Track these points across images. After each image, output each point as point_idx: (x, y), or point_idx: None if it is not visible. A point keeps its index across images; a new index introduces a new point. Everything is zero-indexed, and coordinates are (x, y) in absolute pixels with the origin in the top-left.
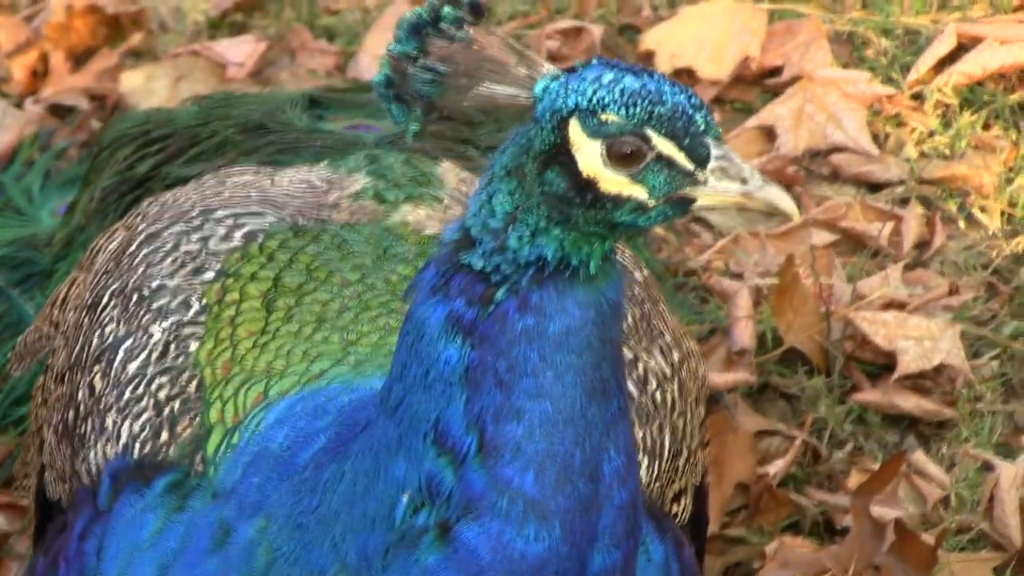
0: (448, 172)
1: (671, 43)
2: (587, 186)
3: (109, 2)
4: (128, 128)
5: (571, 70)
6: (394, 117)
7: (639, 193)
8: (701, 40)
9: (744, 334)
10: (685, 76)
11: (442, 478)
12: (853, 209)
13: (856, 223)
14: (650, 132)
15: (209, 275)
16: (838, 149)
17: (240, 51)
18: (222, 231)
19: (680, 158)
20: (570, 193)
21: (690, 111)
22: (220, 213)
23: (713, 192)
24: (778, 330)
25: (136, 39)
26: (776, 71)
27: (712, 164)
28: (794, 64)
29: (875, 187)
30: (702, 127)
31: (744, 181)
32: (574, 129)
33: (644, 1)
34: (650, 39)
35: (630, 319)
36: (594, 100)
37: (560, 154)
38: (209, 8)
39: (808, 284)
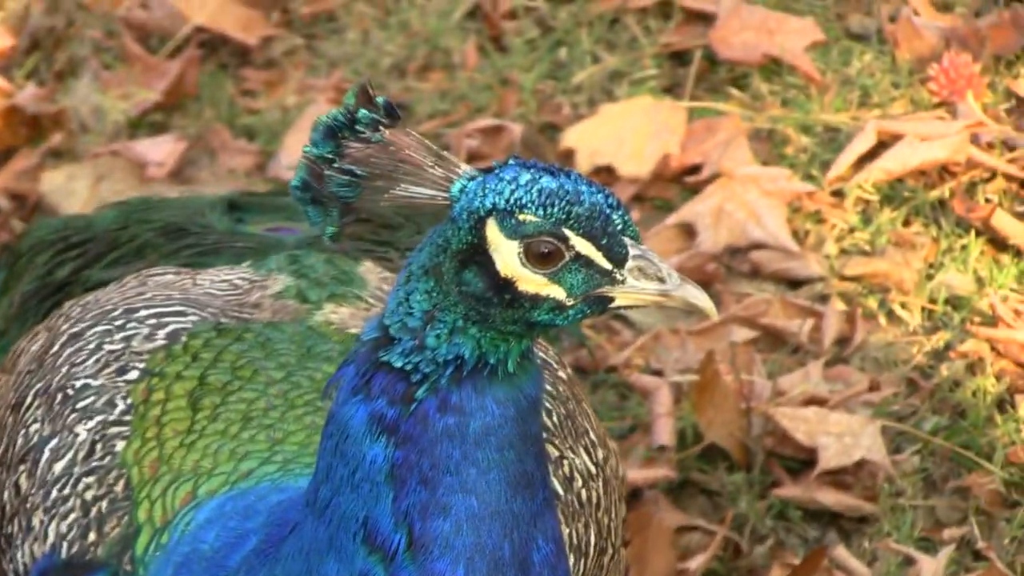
0: (370, 272)
1: (591, 141)
2: (505, 286)
3: (29, 102)
4: (46, 235)
5: (488, 170)
6: (311, 219)
7: (557, 292)
8: (621, 138)
9: (665, 430)
10: (605, 174)
11: None
12: (773, 306)
13: (776, 320)
14: (568, 232)
15: (134, 374)
16: (758, 246)
17: (160, 151)
18: (145, 330)
19: (598, 257)
20: (488, 293)
21: (607, 211)
22: (143, 313)
23: (631, 291)
24: (699, 426)
25: (56, 139)
26: (696, 168)
27: (630, 263)
28: (714, 162)
29: (795, 284)
30: (620, 226)
31: (662, 280)
32: (491, 229)
33: (564, 100)
34: (570, 137)
35: (555, 417)
36: (511, 200)
37: (477, 254)
38: (129, 108)
39: (729, 381)
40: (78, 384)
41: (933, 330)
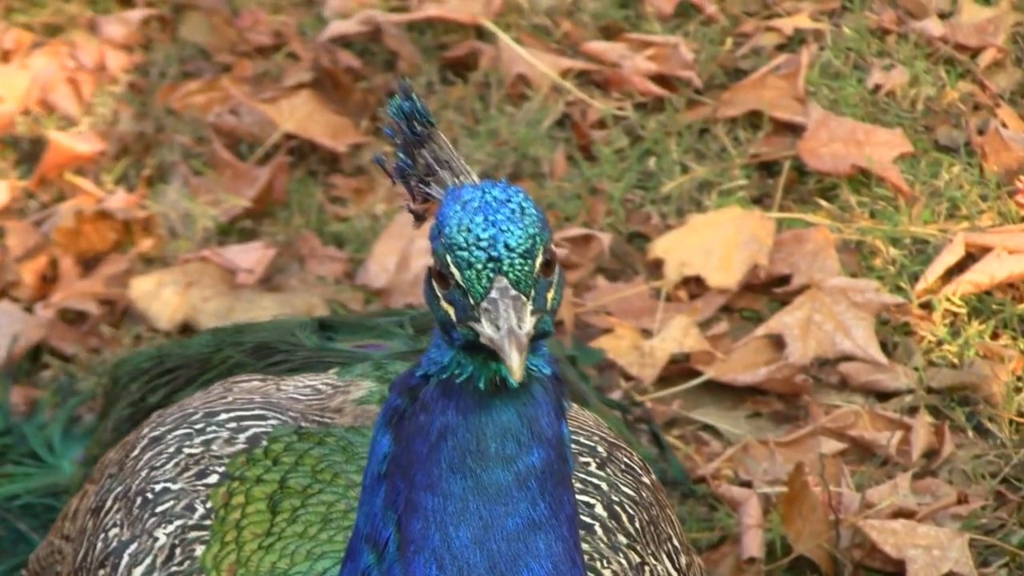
0: None
1: (680, 251)
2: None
3: (119, 207)
4: (141, 362)
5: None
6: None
7: (450, 311)
8: (710, 248)
9: (754, 542)
10: (694, 284)
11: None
12: (862, 418)
13: (865, 432)
14: (450, 259)
15: (213, 478)
16: (847, 358)
17: (249, 257)
18: (225, 434)
19: (467, 290)
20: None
21: (479, 249)
22: (223, 416)
23: (480, 330)
24: (787, 538)
25: (146, 244)
26: (785, 279)
27: (484, 304)
28: (802, 273)
29: (884, 396)
30: (487, 266)
31: (497, 329)
32: None
33: (652, 209)
34: (659, 247)
35: (637, 523)
36: (440, 220)
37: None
38: (219, 214)
39: (817, 492)
40: (157, 488)
41: (1021, 443)
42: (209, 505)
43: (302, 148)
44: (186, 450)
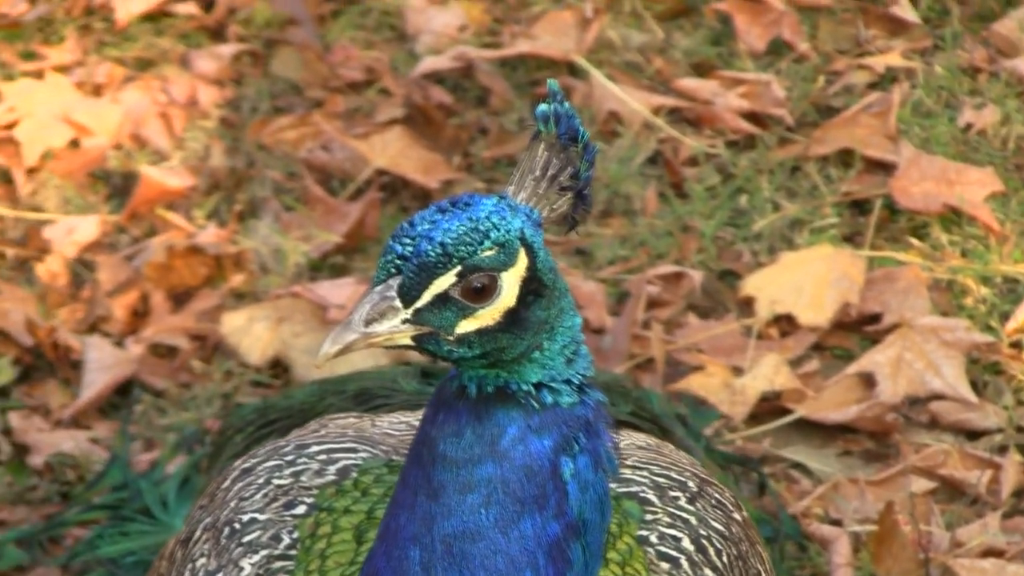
0: None
1: (771, 289)
2: None
3: (210, 243)
4: (246, 415)
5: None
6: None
7: None
8: (801, 286)
9: None
10: (785, 322)
11: None
12: (952, 457)
13: (955, 471)
14: None
15: (301, 509)
16: (937, 396)
17: (341, 293)
18: (315, 466)
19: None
20: None
21: (399, 243)
22: (314, 448)
23: None
24: None
25: (237, 280)
26: (875, 318)
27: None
28: (893, 311)
29: (973, 435)
30: (394, 262)
31: (343, 323)
32: None
33: (744, 247)
34: (750, 285)
35: (725, 557)
36: None
37: None
38: (310, 250)
39: (907, 531)
40: (245, 518)
41: None
42: (295, 535)
43: (394, 184)
44: (275, 481)
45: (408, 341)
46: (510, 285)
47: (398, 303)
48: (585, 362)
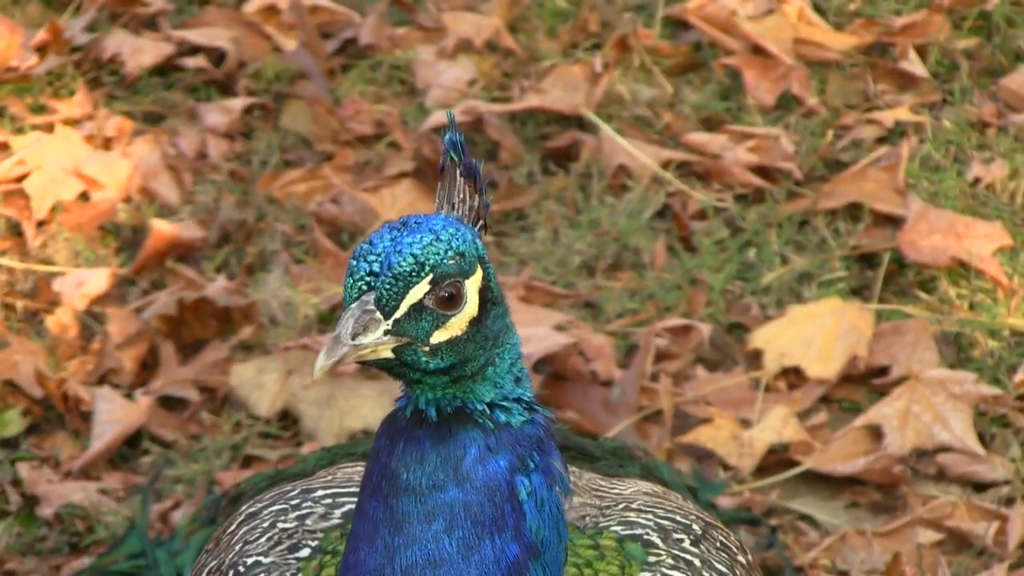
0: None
1: (779, 342)
2: None
3: (219, 295)
4: (258, 482)
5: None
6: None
7: None
8: (809, 340)
9: None
10: (793, 375)
11: None
12: (959, 508)
13: (962, 522)
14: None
15: (305, 552)
16: (944, 449)
17: None
18: (320, 510)
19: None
20: None
21: (365, 261)
22: (319, 493)
23: None
24: None
25: (247, 332)
26: (883, 370)
27: (342, 312)
28: (901, 364)
29: (981, 487)
30: (364, 279)
31: (332, 339)
32: None
33: (752, 300)
34: (758, 338)
35: None
36: None
37: None
38: (319, 302)
39: None
40: (249, 561)
41: None
42: None
43: None
44: (280, 524)
45: (389, 353)
46: (472, 294)
47: (379, 315)
48: (528, 382)
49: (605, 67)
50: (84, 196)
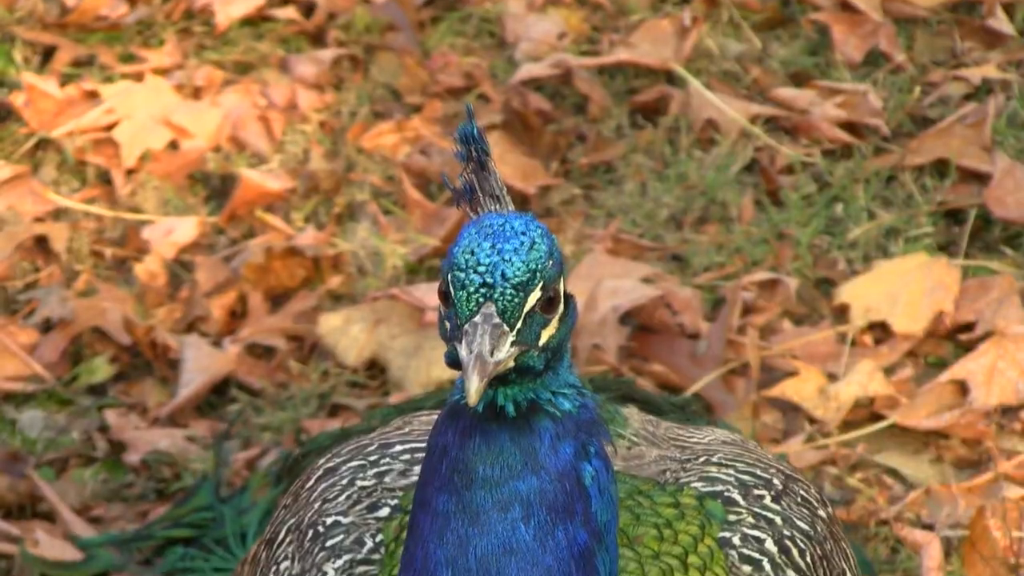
0: (634, 413)
1: (866, 297)
2: None
3: (308, 245)
4: (325, 440)
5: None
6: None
7: (443, 327)
8: (895, 295)
9: None
10: (879, 330)
11: None
12: None
13: None
14: (450, 279)
15: (384, 511)
16: None
17: (438, 296)
18: (399, 466)
19: (457, 311)
20: None
21: (476, 273)
22: (397, 448)
23: (458, 350)
24: None
25: (335, 282)
26: (969, 326)
27: (467, 326)
28: (987, 320)
29: None
30: (479, 291)
31: (469, 352)
32: None
33: (839, 255)
34: (845, 293)
35: (808, 557)
36: (456, 240)
37: None
38: (407, 253)
39: (998, 537)
40: (328, 521)
41: None
42: (379, 539)
43: None
44: (359, 482)
45: (512, 363)
46: (560, 291)
47: (505, 327)
48: (575, 367)
49: (693, 21)
50: (173, 145)
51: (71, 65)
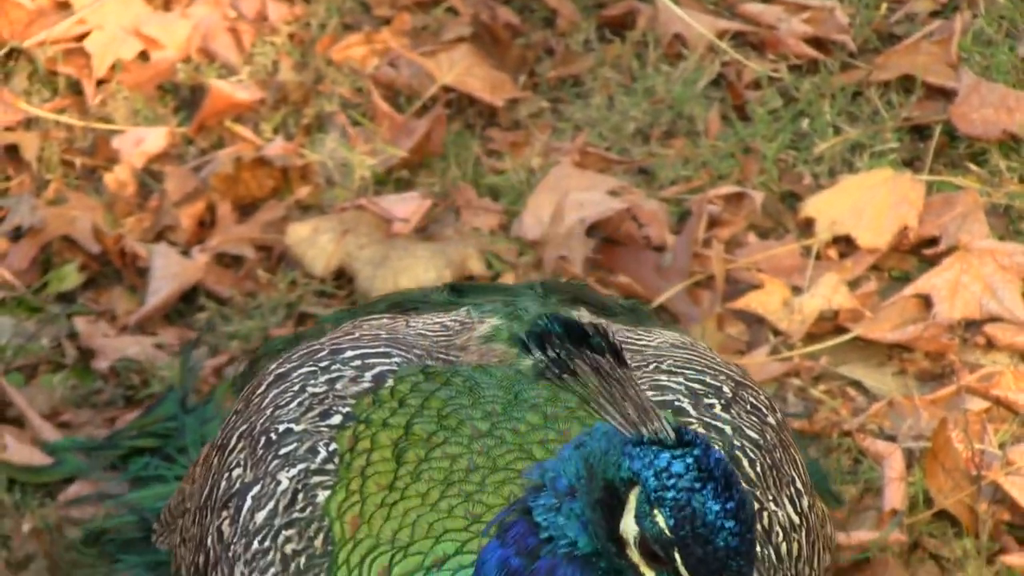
0: (585, 317)
1: (831, 211)
2: (617, 540)
3: (276, 155)
4: (279, 345)
5: (680, 440)
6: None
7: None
8: (860, 209)
9: (896, 495)
10: (844, 244)
11: None
12: (1006, 377)
13: (1008, 391)
14: (678, 556)
15: (337, 419)
16: (993, 319)
17: (406, 207)
18: (350, 372)
19: None
20: (600, 530)
21: (718, 562)
22: (348, 354)
23: None
24: (930, 492)
25: (303, 192)
26: (933, 241)
27: None
28: (951, 235)
29: None
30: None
31: None
32: (633, 496)
33: (805, 170)
34: (810, 207)
35: (759, 467)
36: (658, 491)
37: (614, 497)
38: (376, 164)
39: (960, 449)
40: (281, 428)
41: None
42: (333, 447)
43: (460, 101)
44: (310, 389)
45: None
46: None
47: None
48: None
49: None
50: (143, 56)
51: None
